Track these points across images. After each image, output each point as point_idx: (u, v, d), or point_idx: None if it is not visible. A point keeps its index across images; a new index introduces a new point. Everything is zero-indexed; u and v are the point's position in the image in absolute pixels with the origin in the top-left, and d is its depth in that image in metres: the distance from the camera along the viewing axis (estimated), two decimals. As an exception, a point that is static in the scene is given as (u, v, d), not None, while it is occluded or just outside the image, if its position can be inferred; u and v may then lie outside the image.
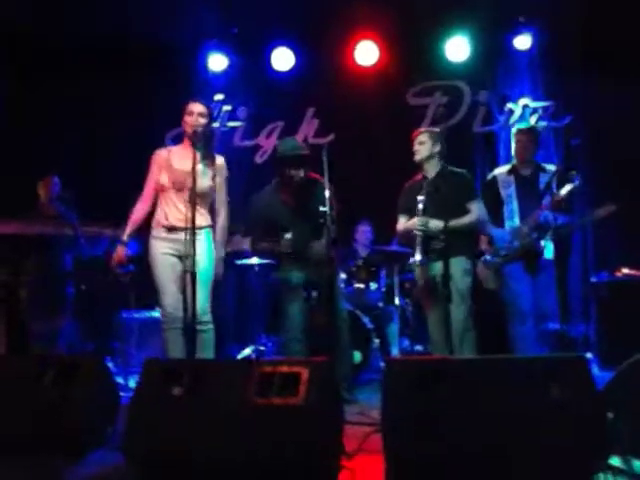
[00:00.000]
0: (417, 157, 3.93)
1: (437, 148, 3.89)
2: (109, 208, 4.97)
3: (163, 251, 3.52)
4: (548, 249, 3.87)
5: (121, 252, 3.59)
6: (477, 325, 3.96)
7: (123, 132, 5.70)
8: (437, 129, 4.01)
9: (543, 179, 3.94)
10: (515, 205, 3.97)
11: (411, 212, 3.87)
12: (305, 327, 3.97)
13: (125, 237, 3.60)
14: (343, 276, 5.02)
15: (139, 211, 3.63)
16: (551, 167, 4.05)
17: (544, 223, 3.80)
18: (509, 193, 3.99)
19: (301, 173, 3.85)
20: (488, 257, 4.00)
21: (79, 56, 5.67)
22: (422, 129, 4.05)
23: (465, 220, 3.75)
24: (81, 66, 5.69)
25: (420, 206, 3.74)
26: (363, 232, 5.48)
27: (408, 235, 3.90)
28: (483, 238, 4.12)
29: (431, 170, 3.90)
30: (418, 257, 3.73)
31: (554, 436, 2.10)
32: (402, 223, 3.99)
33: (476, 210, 3.82)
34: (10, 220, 4.14)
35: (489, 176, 4.24)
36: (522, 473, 2.10)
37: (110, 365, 4.68)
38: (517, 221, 3.95)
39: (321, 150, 3.89)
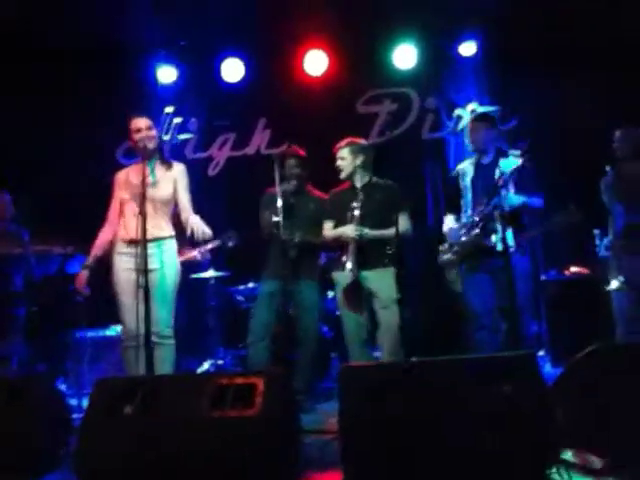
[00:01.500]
0: (342, 175, 3.98)
1: (359, 160, 3.93)
2: (58, 224, 4.89)
3: (124, 266, 3.50)
4: (506, 241, 3.55)
5: (83, 277, 3.53)
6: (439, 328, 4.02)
7: (72, 146, 5.59)
8: (358, 141, 4.03)
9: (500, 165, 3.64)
10: (469, 197, 3.80)
11: (338, 218, 3.92)
12: (271, 334, 4.03)
13: (90, 261, 3.55)
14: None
15: (106, 234, 3.60)
16: (516, 152, 3.68)
17: (492, 209, 3.55)
18: (465, 184, 3.84)
19: (295, 168, 4.10)
20: (443, 256, 3.86)
21: (26, 68, 5.54)
22: (342, 143, 4.02)
23: (391, 232, 3.63)
24: (28, 79, 5.56)
25: (356, 212, 3.77)
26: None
27: (339, 241, 3.91)
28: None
29: (358, 182, 3.97)
30: (349, 266, 3.74)
31: (507, 433, 2.13)
32: (329, 229, 4.01)
33: (404, 222, 3.82)
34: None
35: (454, 170, 4.06)
36: (478, 472, 2.12)
37: (63, 386, 4.56)
38: (469, 213, 3.78)
39: (273, 161, 3.98)
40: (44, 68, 5.57)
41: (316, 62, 5.78)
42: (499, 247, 3.56)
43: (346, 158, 3.95)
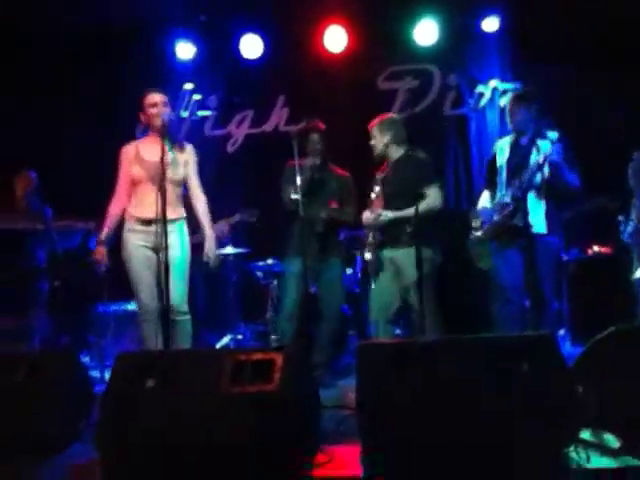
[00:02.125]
0: (375, 152, 4.00)
1: (387, 137, 3.93)
2: (79, 200, 4.95)
3: (138, 244, 3.51)
4: (535, 221, 3.56)
5: (101, 251, 3.56)
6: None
7: (91, 123, 5.62)
8: (387, 117, 4.03)
9: (539, 145, 3.56)
10: (504, 176, 3.76)
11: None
12: (298, 310, 4.06)
13: (104, 236, 3.58)
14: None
15: (115, 209, 3.60)
16: (553, 134, 3.57)
17: (525, 190, 3.53)
18: (501, 163, 3.80)
19: (318, 144, 4.10)
20: (472, 232, 3.86)
21: (43, 45, 5.56)
22: (372, 123, 4.01)
23: (422, 207, 3.57)
24: (46, 55, 5.60)
25: (373, 196, 3.84)
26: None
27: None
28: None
29: (393, 157, 3.96)
30: (368, 256, 3.87)
31: (526, 413, 2.14)
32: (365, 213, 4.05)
33: (432, 196, 3.78)
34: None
35: (494, 147, 4.01)
36: (495, 450, 2.13)
37: (86, 359, 4.66)
38: (504, 192, 3.73)
39: (292, 137, 3.97)
40: (61, 44, 5.59)
41: (336, 38, 5.71)
42: (535, 228, 3.56)
43: (375, 136, 3.96)
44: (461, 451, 2.16)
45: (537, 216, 3.58)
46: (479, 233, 3.80)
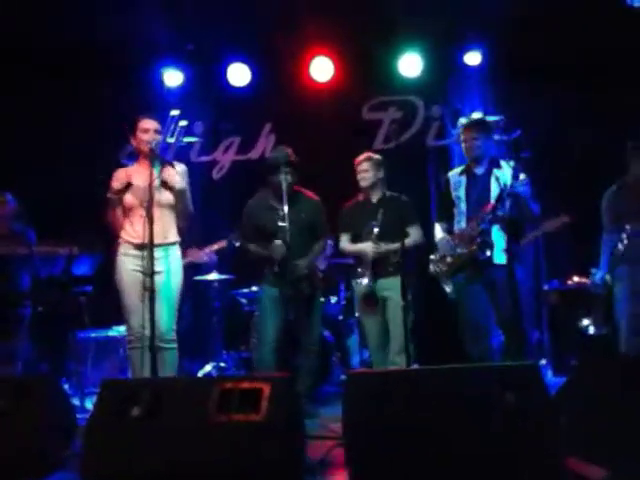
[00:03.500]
0: (363, 184, 4.08)
1: (381, 175, 4.07)
2: (62, 225, 4.91)
3: (131, 268, 3.51)
4: (498, 253, 3.61)
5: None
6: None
7: (77, 148, 5.60)
8: (377, 156, 4.13)
9: (498, 176, 3.67)
10: (463, 207, 3.78)
11: (354, 232, 4.10)
12: (279, 341, 3.98)
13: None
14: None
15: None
16: (509, 164, 3.72)
17: (490, 223, 3.59)
18: (458, 194, 3.82)
19: (289, 179, 3.91)
20: (431, 267, 3.86)
21: (32, 69, 5.57)
22: (363, 156, 4.11)
23: (409, 242, 3.84)
24: (33, 79, 5.60)
25: (376, 230, 3.92)
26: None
27: (357, 256, 4.12)
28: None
29: (375, 195, 4.11)
30: (366, 280, 3.99)
31: (511, 442, 2.16)
32: (346, 241, 4.18)
33: (415, 233, 4.04)
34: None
35: (443, 178, 4.08)
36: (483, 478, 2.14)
37: (65, 386, 4.58)
38: (463, 224, 3.75)
39: (275, 164, 4.00)
40: (49, 69, 5.60)
41: (322, 68, 5.80)
42: (497, 260, 3.61)
43: (369, 171, 4.07)
44: (447, 478, 2.17)
45: (499, 248, 3.61)
46: (439, 267, 3.82)
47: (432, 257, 3.89)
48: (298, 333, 4.08)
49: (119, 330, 4.73)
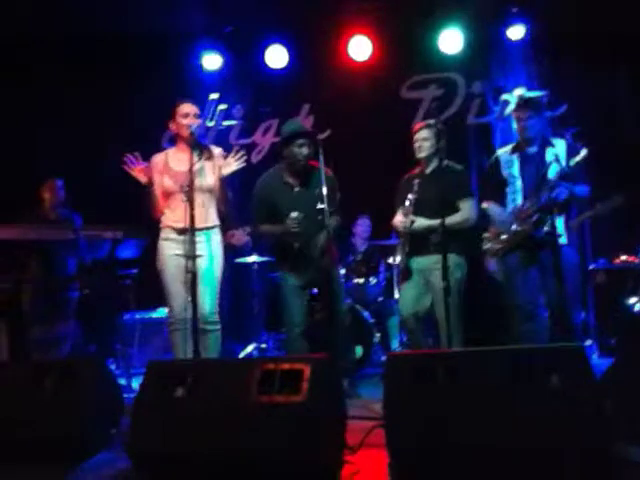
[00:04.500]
0: (421, 154, 3.85)
1: (441, 144, 3.79)
2: (106, 209, 5.03)
3: (172, 252, 3.56)
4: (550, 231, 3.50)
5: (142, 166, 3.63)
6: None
7: (118, 132, 5.70)
8: (440, 124, 3.86)
9: (550, 155, 3.57)
10: (518, 184, 3.67)
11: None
12: (306, 324, 3.95)
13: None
14: (343, 271, 5.04)
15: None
16: (561, 141, 3.67)
17: (552, 200, 3.47)
18: (512, 172, 3.71)
19: (304, 151, 3.76)
20: (488, 244, 3.77)
21: (74, 54, 5.67)
22: (423, 123, 3.93)
23: (453, 219, 3.66)
24: (76, 66, 5.70)
25: (407, 203, 3.74)
26: (361, 226, 5.49)
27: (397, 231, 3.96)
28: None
29: (430, 166, 3.88)
30: (399, 258, 3.85)
31: (555, 426, 2.12)
32: (396, 218, 3.97)
33: (466, 209, 3.76)
34: (11, 225, 4.15)
35: (492, 157, 3.98)
36: (524, 464, 2.12)
37: (112, 367, 4.71)
38: (520, 201, 3.66)
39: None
40: (92, 55, 5.69)
41: (360, 48, 5.74)
42: (552, 238, 3.50)
43: (429, 139, 3.82)
44: (489, 462, 2.15)
45: (557, 225, 3.53)
46: (492, 244, 3.71)
47: (485, 234, 3.78)
48: (324, 311, 4.05)
49: (163, 312, 4.82)
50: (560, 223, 3.56)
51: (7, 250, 4.04)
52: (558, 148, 3.61)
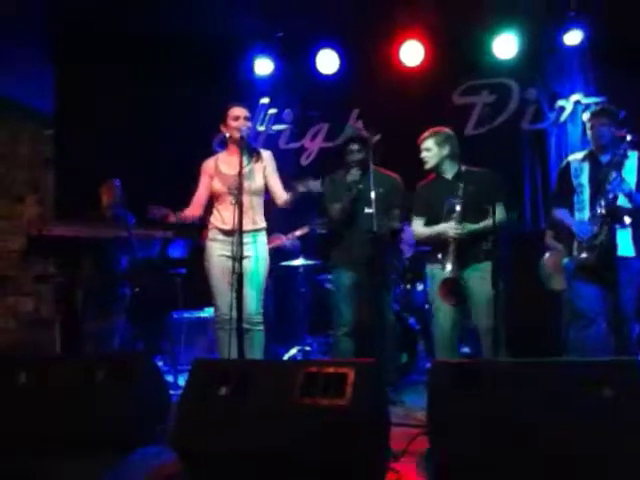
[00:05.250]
0: (428, 165, 3.82)
1: (445, 151, 3.77)
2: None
3: (219, 253, 3.62)
4: (624, 243, 3.46)
5: (167, 212, 3.66)
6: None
7: (170, 134, 5.82)
8: (443, 130, 3.85)
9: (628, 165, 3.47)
10: (586, 195, 3.56)
11: (430, 214, 3.78)
12: (354, 325, 3.95)
13: (178, 216, 3.69)
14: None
15: (189, 215, 3.72)
16: (633, 152, 3.54)
17: (614, 210, 3.39)
18: (581, 181, 3.61)
19: (357, 155, 3.89)
20: (566, 260, 3.61)
21: (127, 58, 5.81)
22: (425, 134, 3.87)
23: (489, 223, 3.50)
24: (128, 69, 5.84)
25: (458, 208, 3.58)
26: (408, 232, 5.43)
27: (437, 239, 3.72)
28: (548, 232, 3.95)
29: (448, 172, 3.80)
30: (449, 267, 3.57)
31: (607, 441, 2.04)
32: (420, 225, 3.86)
33: (499, 212, 3.59)
34: (66, 223, 4.30)
35: (563, 162, 3.88)
36: (571, 475, 2.05)
37: (160, 364, 4.80)
38: (587, 213, 3.54)
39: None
40: (143, 57, 5.82)
41: (412, 53, 5.68)
42: (625, 251, 3.44)
43: (431, 149, 3.79)
44: (535, 478, 2.09)
45: (624, 238, 3.47)
46: (583, 255, 3.50)
47: (575, 245, 3.56)
48: (372, 317, 4.02)
49: (210, 311, 4.89)
50: (626, 235, 3.46)
51: (62, 247, 4.18)
52: (632, 160, 3.52)
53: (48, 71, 5.78)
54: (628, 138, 3.44)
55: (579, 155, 3.76)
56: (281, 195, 3.74)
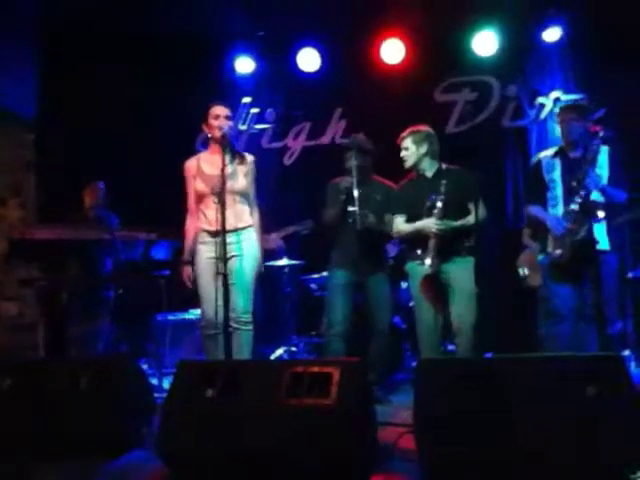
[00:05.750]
0: (407, 164, 3.86)
1: (423, 149, 3.79)
2: (140, 211, 5.10)
3: (207, 256, 3.57)
4: (601, 238, 3.49)
5: (188, 272, 3.63)
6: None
7: (152, 135, 5.77)
8: (421, 129, 3.88)
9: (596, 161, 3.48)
10: (559, 191, 3.59)
11: (410, 212, 3.80)
12: (347, 324, 3.98)
13: (187, 255, 3.65)
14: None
15: (191, 225, 3.69)
16: (604, 148, 3.56)
17: (588, 205, 3.40)
18: (553, 177, 3.62)
19: (357, 163, 3.90)
20: (540, 257, 3.63)
21: (110, 56, 5.75)
22: (404, 133, 3.89)
23: (471, 220, 3.59)
24: (111, 67, 5.78)
25: (439, 205, 3.61)
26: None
27: (417, 235, 3.74)
28: (525, 231, 3.98)
29: (428, 170, 3.84)
30: (428, 262, 3.61)
31: (591, 436, 2.06)
32: (401, 223, 3.87)
33: (482, 209, 3.63)
34: (49, 225, 4.25)
35: (534, 159, 3.90)
36: (557, 474, 2.07)
37: (144, 366, 4.77)
38: (561, 209, 3.56)
39: (346, 150, 4.01)
40: (125, 58, 5.77)
41: (393, 51, 5.70)
42: (601, 245, 3.46)
43: (409, 148, 3.83)
44: (522, 475, 2.11)
45: (600, 232, 3.50)
46: (557, 251, 3.52)
47: (550, 242, 3.58)
48: (367, 317, 4.08)
49: (195, 313, 4.87)
50: (601, 229, 3.49)
51: (46, 250, 4.13)
52: (602, 155, 3.54)
53: (29, 74, 5.72)
54: (601, 134, 3.46)
55: (550, 151, 3.78)
56: (252, 209, 3.74)
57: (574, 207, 3.46)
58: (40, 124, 5.85)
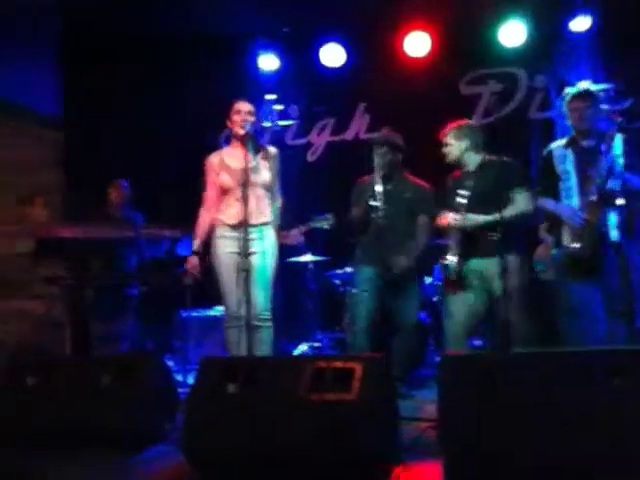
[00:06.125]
0: (448, 159, 3.83)
1: (465, 143, 3.74)
2: (165, 208, 5.15)
3: (227, 250, 3.58)
4: (620, 227, 3.36)
5: (195, 262, 3.64)
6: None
7: (177, 133, 5.81)
8: (462, 123, 3.84)
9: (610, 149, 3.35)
10: (573, 181, 3.47)
11: (446, 207, 3.73)
12: (372, 319, 3.95)
13: (196, 246, 3.67)
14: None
15: (205, 219, 3.69)
16: (618, 135, 3.42)
17: (606, 194, 3.28)
18: (566, 168, 3.51)
19: (382, 159, 3.91)
20: (554, 251, 3.49)
21: (135, 55, 5.80)
22: (446, 130, 3.84)
23: (509, 212, 3.50)
24: (136, 66, 5.84)
25: (461, 201, 3.59)
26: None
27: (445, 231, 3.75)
28: (542, 225, 3.90)
29: (471, 164, 3.78)
30: (453, 259, 3.61)
31: (617, 432, 2.01)
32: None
33: (521, 201, 3.58)
34: (74, 224, 4.30)
35: (545, 151, 3.77)
36: (583, 470, 2.01)
37: (169, 363, 4.80)
38: (576, 200, 3.43)
39: (375, 146, 3.97)
40: (149, 57, 5.81)
41: (418, 43, 5.64)
42: (613, 236, 3.34)
43: (452, 144, 3.79)
44: (548, 470, 2.06)
45: (612, 223, 3.37)
46: (575, 244, 3.38)
47: (566, 235, 3.44)
48: (394, 314, 4.05)
49: (219, 310, 4.89)
50: (612, 220, 3.36)
51: (71, 248, 4.19)
52: (616, 142, 3.40)
53: (51, 73, 5.79)
54: (618, 120, 3.35)
55: (561, 142, 3.65)
56: (277, 198, 3.76)
57: (593, 198, 3.33)
58: (66, 122, 5.93)
